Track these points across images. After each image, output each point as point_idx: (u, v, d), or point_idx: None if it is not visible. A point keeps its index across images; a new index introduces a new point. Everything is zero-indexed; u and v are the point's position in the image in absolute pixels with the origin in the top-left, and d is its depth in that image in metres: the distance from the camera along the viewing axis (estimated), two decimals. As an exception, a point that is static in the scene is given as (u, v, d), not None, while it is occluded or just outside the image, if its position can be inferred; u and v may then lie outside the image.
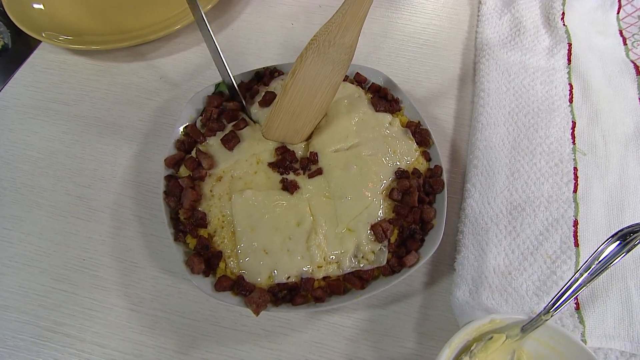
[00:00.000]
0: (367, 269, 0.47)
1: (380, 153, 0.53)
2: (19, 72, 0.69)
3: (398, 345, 0.49)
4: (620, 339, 0.47)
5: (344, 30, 0.45)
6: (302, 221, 0.48)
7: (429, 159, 0.55)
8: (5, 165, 0.60)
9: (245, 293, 0.46)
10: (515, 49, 0.69)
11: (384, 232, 0.48)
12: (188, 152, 0.55)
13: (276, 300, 0.46)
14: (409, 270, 0.47)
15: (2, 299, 0.51)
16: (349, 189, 0.50)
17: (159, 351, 0.49)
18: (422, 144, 0.56)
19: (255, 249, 0.47)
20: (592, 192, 0.56)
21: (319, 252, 0.47)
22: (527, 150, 0.59)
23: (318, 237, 0.48)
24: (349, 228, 0.49)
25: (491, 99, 0.63)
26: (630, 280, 0.50)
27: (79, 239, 0.55)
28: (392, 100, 0.59)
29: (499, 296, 0.49)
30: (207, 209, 0.50)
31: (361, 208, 0.49)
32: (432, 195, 0.52)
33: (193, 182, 0.51)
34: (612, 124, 0.62)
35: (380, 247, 0.48)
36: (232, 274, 0.47)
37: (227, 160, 0.52)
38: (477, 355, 0.44)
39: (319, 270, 0.47)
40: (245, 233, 0.48)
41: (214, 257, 0.47)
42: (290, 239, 0.47)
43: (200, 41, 0.73)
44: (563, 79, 0.66)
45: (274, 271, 0.46)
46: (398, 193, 0.50)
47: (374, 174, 0.51)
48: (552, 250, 0.52)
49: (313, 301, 0.46)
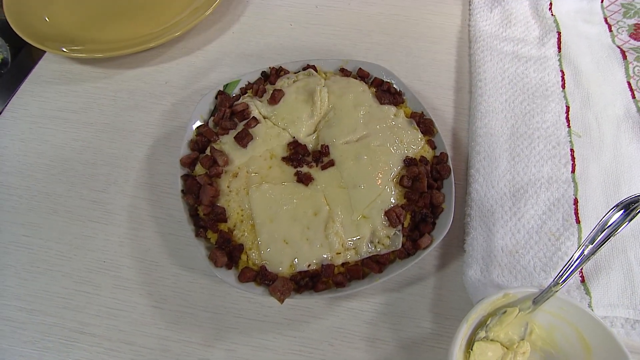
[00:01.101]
0: (383, 253, 0.49)
1: (388, 143, 0.55)
2: (25, 83, 0.70)
3: (415, 325, 0.51)
4: (624, 307, 0.50)
5: None
6: (318, 211, 0.50)
7: (434, 146, 0.57)
8: (19, 174, 0.61)
9: (268, 283, 0.47)
10: (508, 40, 0.72)
11: (398, 217, 0.50)
12: (202, 152, 0.56)
13: (299, 288, 0.48)
14: (424, 252, 0.49)
15: (28, 303, 0.52)
16: (362, 178, 0.52)
17: (185, 345, 0.50)
18: (426, 132, 0.58)
19: (275, 239, 0.49)
20: (589, 171, 0.59)
21: (337, 240, 0.49)
22: (525, 135, 0.61)
23: (335, 225, 0.50)
24: (363, 215, 0.51)
25: (488, 88, 0.66)
26: (630, 252, 0.53)
27: (98, 241, 0.56)
28: (395, 93, 0.61)
29: (509, 273, 0.51)
30: (225, 204, 0.52)
31: (374, 196, 0.51)
32: (440, 181, 0.54)
33: (210, 179, 0.53)
34: (603, 106, 0.65)
35: (395, 232, 0.50)
36: (254, 265, 0.49)
37: (241, 157, 0.54)
38: (493, 329, 0.47)
39: (338, 257, 0.49)
40: (264, 225, 0.50)
41: (236, 250, 0.49)
42: (309, 229, 0.49)
43: (202, 45, 0.74)
44: (555, 66, 0.68)
45: (295, 260, 0.48)
46: (408, 180, 0.53)
47: (384, 163, 0.53)
48: (556, 228, 0.54)
49: (334, 286, 0.48)
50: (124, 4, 0.77)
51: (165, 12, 0.76)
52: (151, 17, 0.75)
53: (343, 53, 0.73)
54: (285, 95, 0.59)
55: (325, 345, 0.50)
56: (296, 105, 0.58)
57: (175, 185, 0.59)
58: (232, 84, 0.62)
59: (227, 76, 0.70)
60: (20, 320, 0.51)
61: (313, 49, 0.74)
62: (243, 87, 0.63)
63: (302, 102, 0.58)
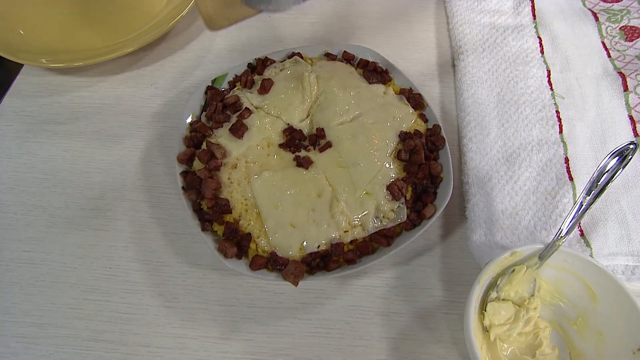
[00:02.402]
0: (390, 227, 0.50)
1: (381, 120, 0.56)
2: (5, 99, 0.69)
3: (428, 295, 0.52)
4: (623, 254, 0.52)
5: None
6: (322, 192, 0.51)
7: (425, 120, 0.59)
8: (10, 191, 0.60)
9: (280, 267, 0.48)
10: (484, 12, 0.73)
11: (400, 190, 0.51)
12: (198, 147, 0.56)
13: (311, 269, 0.48)
14: (429, 222, 0.50)
15: (38, 317, 0.51)
16: (360, 156, 0.53)
17: (202, 340, 0.50)
18: (417, 107, 0.59)
19: (282, 225, 0.49)
20: (576, 130, 0.61)
21: (343, 218, 0.50)
22: (512, 102, 0.63)
23: (340, 204, 0.50)
24: (366, 192, 0.52)
25: (470, 59, 0.67)
26: (623, 202, 0.55)
27: (102, 248, 0.56)
28: (382, 72, 0.62)
29: (512, 234, 0.53)
30: (228, 196, 0.52)
31: (374, 172, 0.52)
32: (436, 152, 0.56)
33: (210, 173, 0.53)
34: (582, 67, 0.67)
35: (399, 205, 0.51)
36: (264, 252, 0.49)
37: (238, 148, 0.54)
38: (503, 289, 0.48)
39: (346, 235, 0.49)
40: (270, 212, 0.50)
41: (244, 239, 0.49)
42: (314, 211, 0.50)
43: (184, 44, 0.74)
44: (532, 33, 0.70)
45: (304, 242, 0.49)
46: (405, 153, 0.54)
47: (380, 140, 0.54)
48: (551, 187, 0.56)
49: (345, 264, 0.48)
50: (100, 11, 0.76)
51: (142, 15, 0.75)
52: (128, 21, 0.74)
53: (325, 39, 0.74)
54: (275, 83, 0.59)
55: (342, 324, 0.51)
56: (287, 92, 0.58)
57: (173, 184, 0.59)
58: (219, 78, 0.62)
59: (212, 72, 0.69)
60: (33, 335, 0.50)
61: (294, 38, 0.74)
62: (231, 80, 0.63)
63: (292, 89, 0.58)
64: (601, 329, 0.46)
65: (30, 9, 0.75)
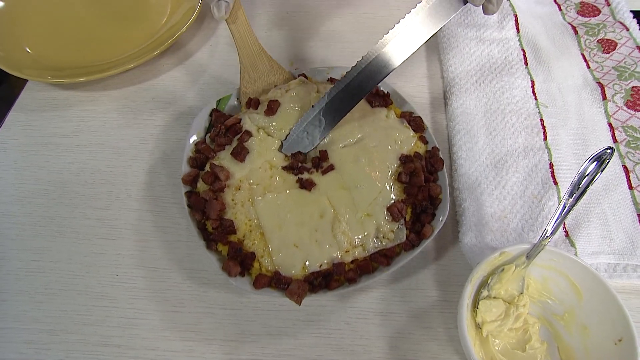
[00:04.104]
0: (389, 247, 0.52)
1: (383, 143, 0.58)
2: (11, 114, 0.71)
3: (424, 295, 0.55)
4: (605, 253, 0.55)
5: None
6: (324, 213, 0.53)
7: (425, 142, 0.61)
8: (18, 202, 0.62)
9: (283, 286, 0.49)
10: (470, 27, 0.77)
11: (399, 212, 0.53)
12: (201, 168, 0.58)
13: (313, 288, 0.50)
14: (426, 241, 0.52)
15: (47, 324, 0.53)
16: (362, 179, 0.55)
17: (208, 343, 0.52)
18: (417, 129, 0.61)
19: (286, 245, 0.51)
20: (559, 137, 0.64)
21: (344, 239, 0.52)
22: (498, 111, 0.66)
23: (341, 225, 0.52)
24: (367, 213, 0.53)
25: (459, 71, 0.71)
26: (604, 204, 0.58)
27: (108, 257, 0.58)
28: (383, 95, 0.64)
29: (501, 236, 0.56)
30: (233, 217, 0.53)
31: (375, 193, 0.54)
32: (435, 174, 0.58)
33: (215, 194, 0.54)
34: (564, 78, 0.71)
35: (398, 226, 0.53)
36: (268, 271, 0.51)
37: (241, 170, 0.56)
38: (494, 287, 0.51)
39: (347, 255, 0.51)
40: (273, 232, 0.52)
41: (248, 258, 0.51)
42: (317, 231, 0.52)
43: (184, 59, 0.77)
44: (516, 46, 0.74)
45: (306, 262, 0.50)
46: (406, 176, 0.55)
47: (382, 162, 0.56)
48: (537, 191, 0.59)
49: (346, 283, 0.50)
50: (103, 28, 0.79)
51: (143, 32, 0.78)
52: (130, 38, 0.77)
53: (319, 55, 0.77)
54: (281, 105, 0.60)
55: (342, 324, 0.53)
56: (293, 114, 0.60)
57: (176, 194, 0.61)
58: (224, 99, 0.64)
59: (212, 87, 0.72)
60: (43, 341, 0.52)
61: (291, 53, 0.78)
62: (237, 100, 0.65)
63: (298, 110, 0.60)
64: (586, 323, 0.49)
65: (36, 27, 0.78)
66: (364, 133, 0.59)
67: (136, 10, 0.82)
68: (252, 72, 0.59)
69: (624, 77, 0.69)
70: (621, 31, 0.74)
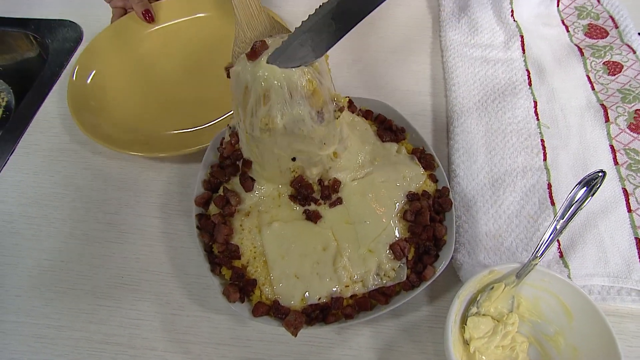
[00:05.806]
0: (389, 285, 0.52)
1: (391, 179, 0.57)
2: (33, 122, 0.75)
3: (414, 310, 0.56)
4: (599, 276, 0.55)
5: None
6: (327, 246, 0.53)
7: (435, 180, 0.60)
8: (35, 204, 0.66)
9: (281, 316, 0.49)
10: (476, 46, 0.79)
11: (402, 251, 0.52)
12: (215, 191, 0.59)
13: (310, 320, 0.50)
14: (427, 283, 0.51)
15: (56, 320, 0.56)
16: (367, 214, 0.54)
17: (204, 346, 0.54)
18: (427, 167, 0.60)
19: (287, 275, 0.52)
20: (559, 158, 0.65)
21: (345, 273, 0.52)
22: (499, 131, 0.67)
23: (343, 259, 0.52)
24: (369, 249, 0.53)
25: (462, 90, 0.72)
26: (601, 226, 0.58)
27: (115, 259, 0.61)
28: (396, 130, 0.63)
29: (494, 255, 0.56)
30: (239, 242, 0.54)
31: (379, 230, 0.54)
32: (442, 214, 0.56)
33: (224, 219, 0.55)
34: (567, 99, 0.71)
35: (400, 264, 0.53)
36: (267, 299, 0.51)
37: (251, 197, 0.57)
38: (483, 305, 0.51)
39: (347, 290, 0.51)
40: (276, 262, 0.52)
41: (249, 285, 0.51)
42: (319, 264, 0.52)
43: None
44: (520, 66, 0.75)
45: (306, 294, 0.51)
46: (411, 214, 0.54)
47: (388, 199, 0.56)
48: (533, 211, 0.60)
49: (343, 318, 0.50)
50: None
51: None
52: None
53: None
54: (269, 49, 0.54)
55: (333, 334, 0.54)
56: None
57: (183, 203, 0.64)
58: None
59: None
60: (51, 336, 0.55)
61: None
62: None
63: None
64: (576, 345, 0.49)
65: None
66: (374, 167, 0.58)
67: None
68: (248, 31, 0.54)
69: (628, 99, 0.69)
70: (628, 54, 0.74)
